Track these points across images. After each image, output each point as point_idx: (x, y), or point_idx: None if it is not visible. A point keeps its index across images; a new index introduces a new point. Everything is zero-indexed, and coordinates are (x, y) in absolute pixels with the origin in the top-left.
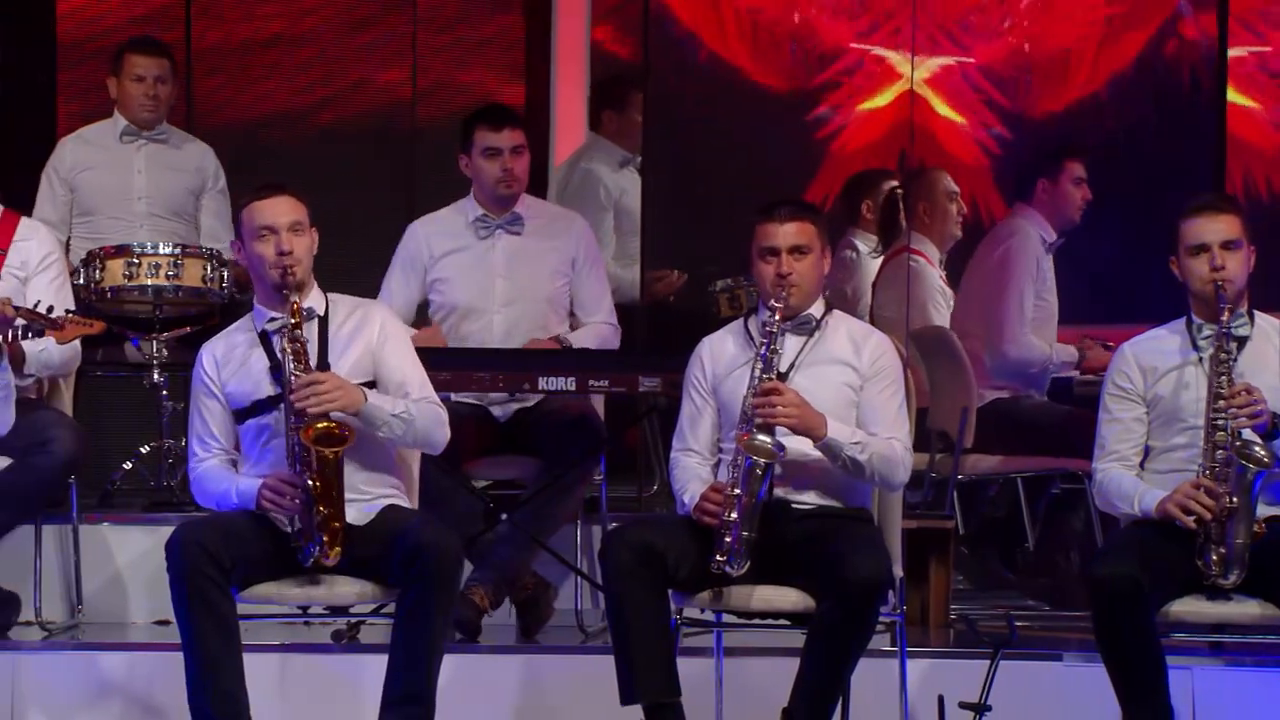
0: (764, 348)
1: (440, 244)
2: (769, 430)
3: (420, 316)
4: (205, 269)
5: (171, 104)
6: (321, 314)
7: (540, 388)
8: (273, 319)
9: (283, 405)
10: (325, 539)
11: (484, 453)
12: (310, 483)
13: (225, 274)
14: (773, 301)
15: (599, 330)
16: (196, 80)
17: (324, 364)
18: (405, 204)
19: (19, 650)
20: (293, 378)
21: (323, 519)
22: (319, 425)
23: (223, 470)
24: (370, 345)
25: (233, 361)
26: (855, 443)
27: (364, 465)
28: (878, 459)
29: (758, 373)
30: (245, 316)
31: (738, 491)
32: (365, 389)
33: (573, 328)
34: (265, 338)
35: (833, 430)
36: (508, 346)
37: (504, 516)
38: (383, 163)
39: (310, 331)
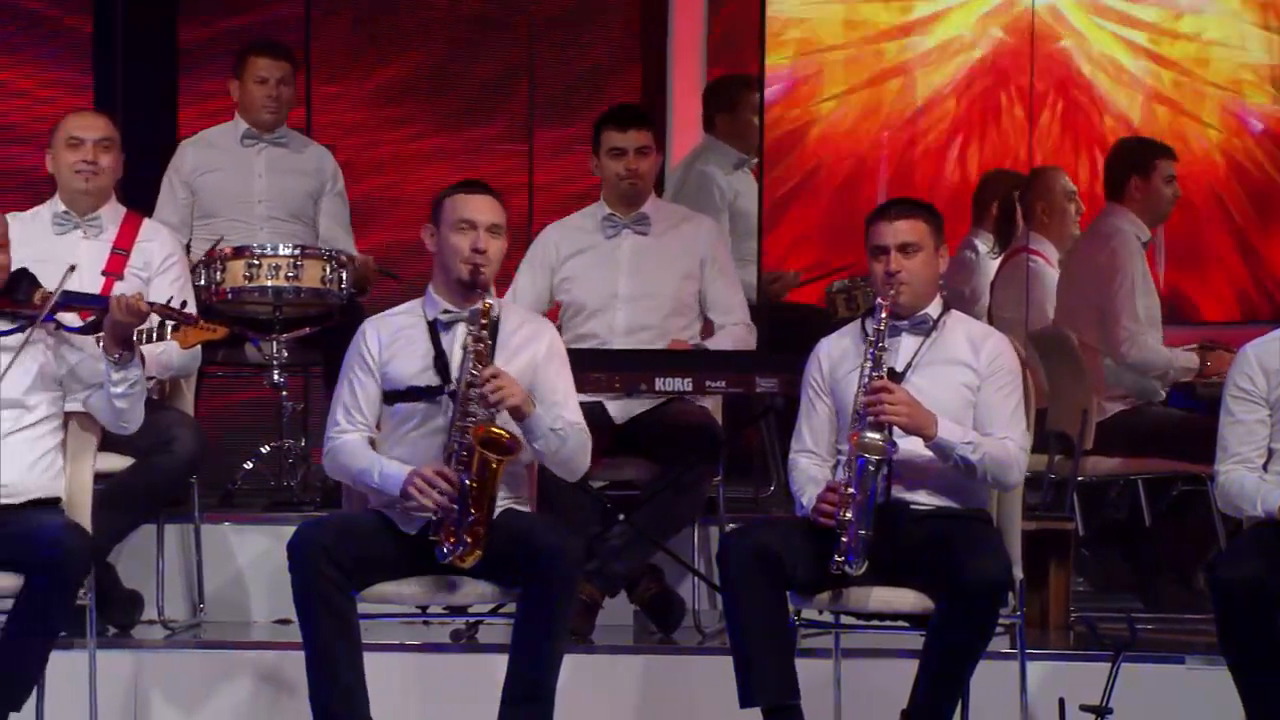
0: (873, 346)
1: (568, 245)
2: (880, 428)
3: None
4: (325, 270)
5: (292, 106)
6: (495, 317)
7: (657, 388)
8: (446, 311)
9: (449, 399)
10: (469, 540)
11: (601, 454)
12: (468, 483)
13: (345, 275)
14: (880, 300)
15: (733, 333)
16: (316, 85)
17: (489, 354)
18: (525, 210)
19: (142, 649)
20: (471, 374)
21: (472, 522)
22: (492, 429)
23: (365, 448)
24: (536, 359)
25: (398, 343)
26: (967, 442)
27: (504, 475)
28: (990, 460)
29: (868, 371)
30: (414, 301)
31: (852, 490)
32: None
33: (705, 332)
34: (434, 327)
35: (943, 430)
36: (630, 346)
37: (621, 517)
38: (496, 162)
39: (488, 340)
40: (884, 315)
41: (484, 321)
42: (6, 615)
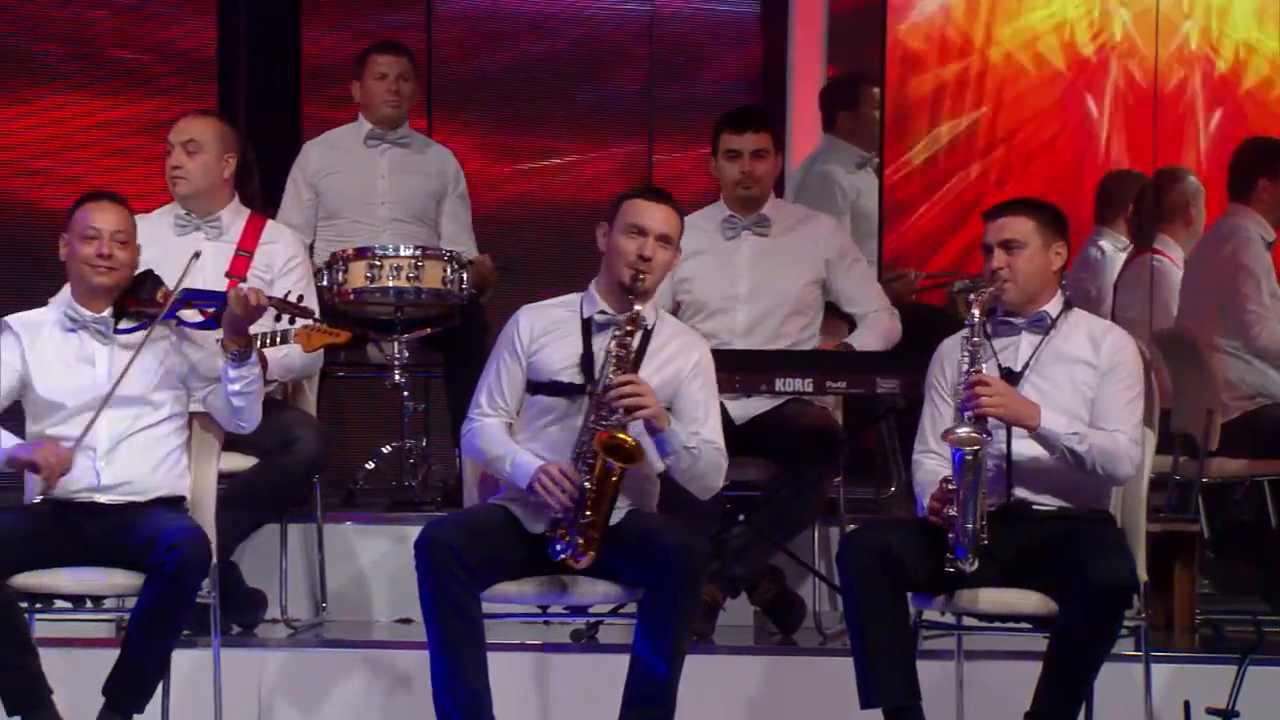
0: (968, 341)
1: (687, 245)
2: (980, 422)
3: None
4: (445, 271)
5: (413, 103)
6: (649, 327)
7: (777, 389)
8: (603, 312)
9: (581, 400)
10: (581, 542)
11: None
12: (587, 485)
13: (465, 276)
14: (972, 295)
15: (876, 321)
16: (436, 91)
17: (630, 361)
18: None
19: (266, 648)
20: (607, 379)
21: (587, 523)
22: (618, 435)
23: (505, 435)
24: (682, 373)
25: (550, 334)
26: (1073, 433)
27: (632, 480)
28: (1098, 451)
29: (965, 366)
30: (574, 295)
31: (954, 486)
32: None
33: (834, 329)
34: (588, 325)
35: (1047, 420)
36: (749, 347)
37: (741, 518)
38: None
39: (633, 339)
40: (976, 312)
41: (629, 328)
42: (131, 614)
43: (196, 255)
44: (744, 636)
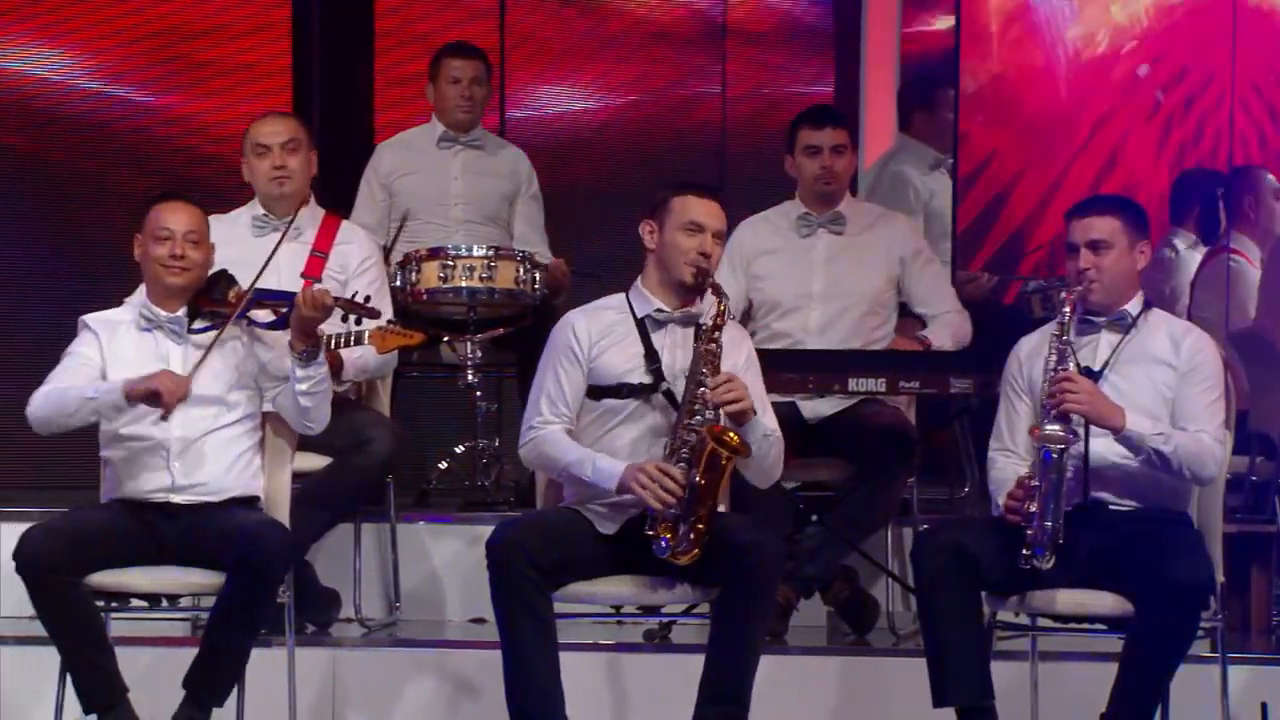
0: (1056, 340)
1: (761, 242)
2: (1065, 420)
3: None
4: (518, 271)
5: (485, 105)
6: (725, 304)
7: (850, 388)
8: (659, 310)
9: (665, 399)
10: (691, 538)
11: (794, 455)
12: (697, 480)
13: (538, 276)
14: (1063, 293)
15: (949, 322)
16: (509, 94)
17: (719, 356)
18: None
19: (340, 647)
20: (700, 374)
21: (695, 519)
22: (728, 431)
23: (569, 440)
24: (737, 367)
25: (608, 338)
26: (1158, 434)
27: None
28: (1184, 452)
29: (1052, 365)
30: (616, 296)
31: (1036, 483)
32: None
33: (903, 329)
34: (644, 325)
35: (1132, 422)
36: (823, 346)
37: (814, 519)
38: (692, 171)
39: (688, 335)
40: (1067, 310)
41: (719, 322)
42: (210, 613)
43: (269, 260)
44: (817, 637)
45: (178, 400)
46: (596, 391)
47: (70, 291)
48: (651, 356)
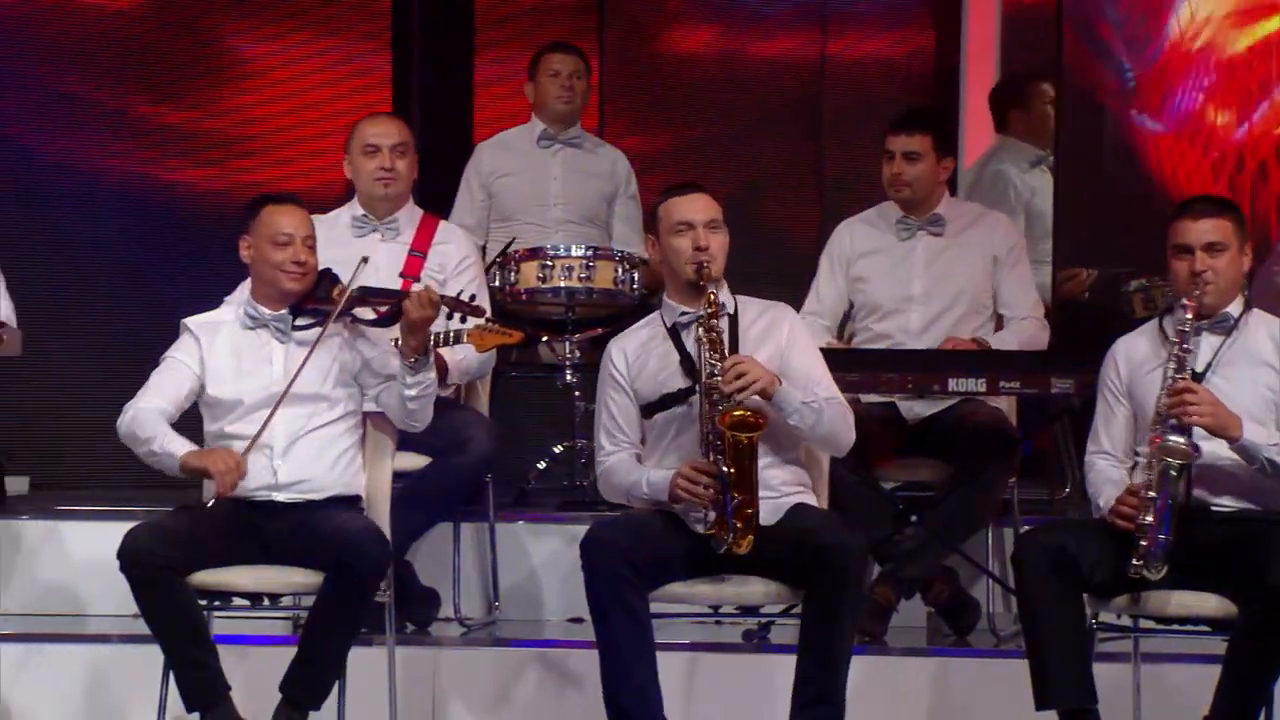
0: (1177, 347)
1: (862, 243)
2: (1183, 431)
3: None
4: (616, 271)
5: (584, 102)
6: (731, 313)
7: (950, 389)
8: (684, 313)
9: (695, 395)
10: (739, 525)
11: (893, 454)
12: (725, 469)
13: (636, 276)
14: (1184, 299)
15: (1022, 328)
16: (609, 95)
17: (723, 343)
18: (817, 202)
19: (440, 646)
20: (710, 364)
21: (737, 505)
22: (735, 413)
23: (632, 463)
24: (780, 346)
25: (643, 357)
26: (1275, 444)
27: (775, 462)
28: None
29: (1171, 373)
30: (653, 313)
31: (1153, 495)
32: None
33: (998, 327)
34: (676, 331)
35: (1248, 431)
36: (923, 347)
37: (913, 519)
38: (792, 168)
39: (721, 328)
40: (1189, 316)
41: (712, 310)
42: (310, 611)
43: (364, 260)
44: (917, 638)
45: (233, 483)
46: (647, 410)
47: (174, 290)
48: (685, 360)
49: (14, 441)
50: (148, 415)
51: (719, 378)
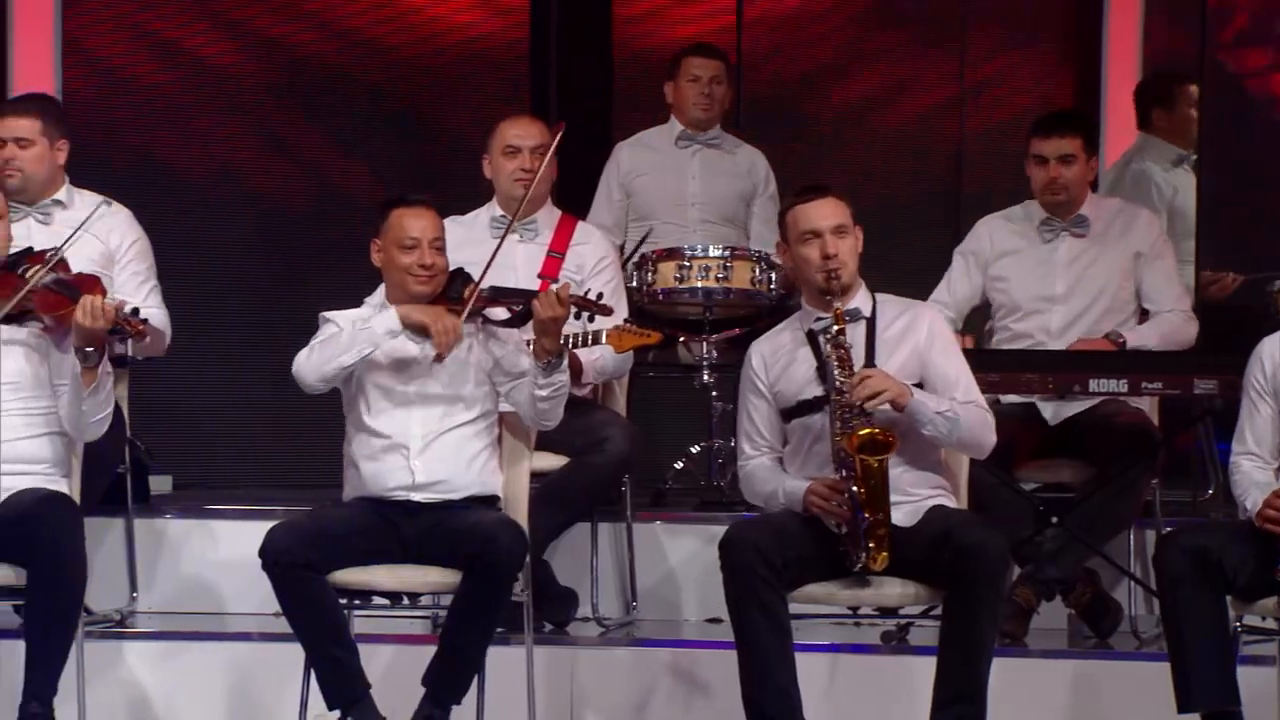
0: None
1: (1003, 242)
2: None
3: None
4: (754, 271)
5: (725, 107)
6: (868, 315)
7: (1090, 389)
8: (818, 319)
9: (827, 408)
10: (872, 545)
11: (1034, 455)
12: (855, 489)
13: (774, 276)
14: None
15: (1165, 321)
16: (745, 88)
17: (871, 364)
18: (953, 206)
19: (577, 646)
20: (839, 382)
21: (869, 525)
22: (862, 432)
23: (771, 469)
24: (918, 347)
25: (780, 361)
26: None
27: (912, 466)
28: None
29: None
30: (793, 315)
31: None
32: (912, 386)
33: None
34: (812, 338)
35: None
36: (1064, 347)
37: (1054, 520)
38: (927, 168)
39: (857, 332)
40: None
41: (839, 329)
42: (450, 607)
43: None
44: (1058, 640)
45: (450, 342)
46: (786, 414)
47: (316, 290)
48: (821, 369)
49: (157, 441)
50: (330, 335)
51: (848, 394)
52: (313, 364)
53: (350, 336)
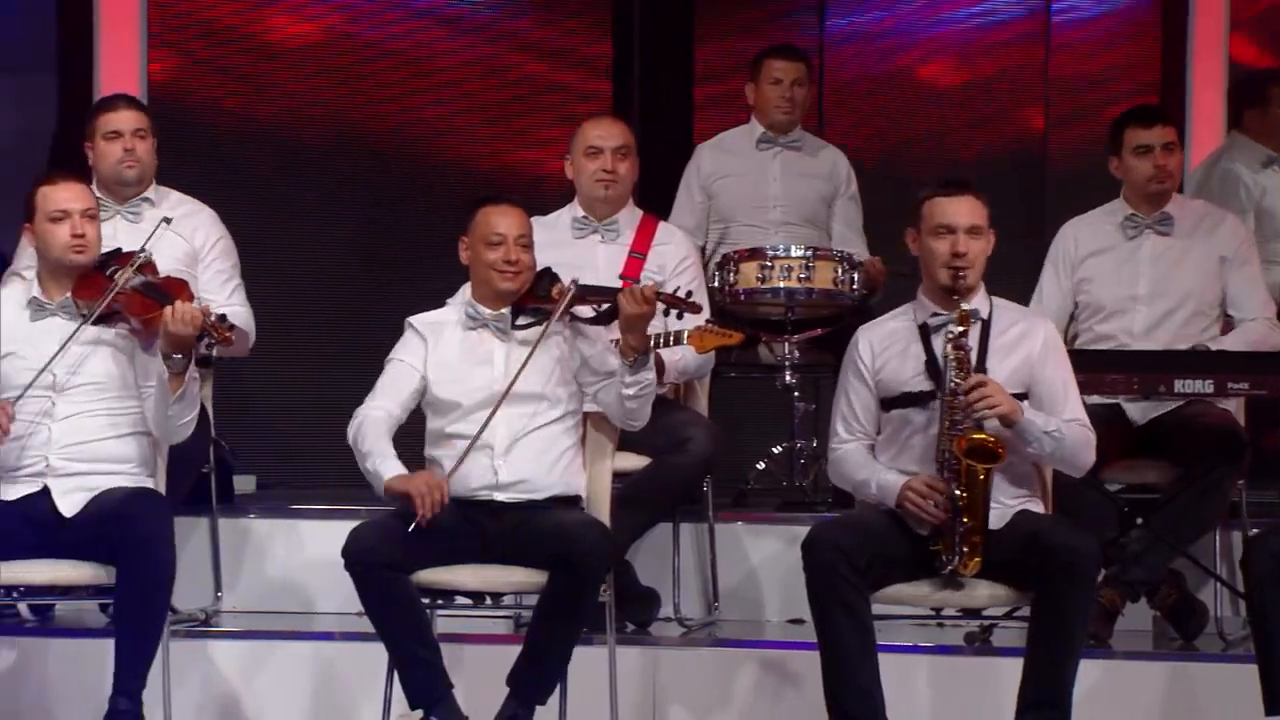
0: None
1: (1088, 243)
2: None
3: None
4: (836, 271)
5: (805, 109)
6: (985, 318)
7: (1176, 390)
8: (935, 314)
9: (934, 405)
10: (965, 550)
11: (1119, 456)
12: (957, 493)
13: (856, 276)
14: None
15: (1250, 330)
16: (827, 97)
17: (981, 368)
18: (1036, 223)
19: (659, 645)
20: (953, 384)
21: (966, 530)
22: (974, 437)
23: (865, 456)
24: (1031, 357)
25: (889, 350)
26: None
27: (1006, 475)
28: None
29: None
30: (906, 305)
31: None
32: (1022, 403)
33: (1226, 328)
34: (924, 331)
35: None
36: (1149, 348)
37: (1139, 521)
38: (1013, 182)
39: (972, 334)
40: None
41: (962, 330)
42: (535, 607)
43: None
44: (1143, 642)
45: (432, 508)
46: (886, 403)
47: (399, 290)
48: (931, 363)
49: (241, 441)
50: (372, 426)
51: (961, 397)
52: (352, 444)
53: (360, 465)
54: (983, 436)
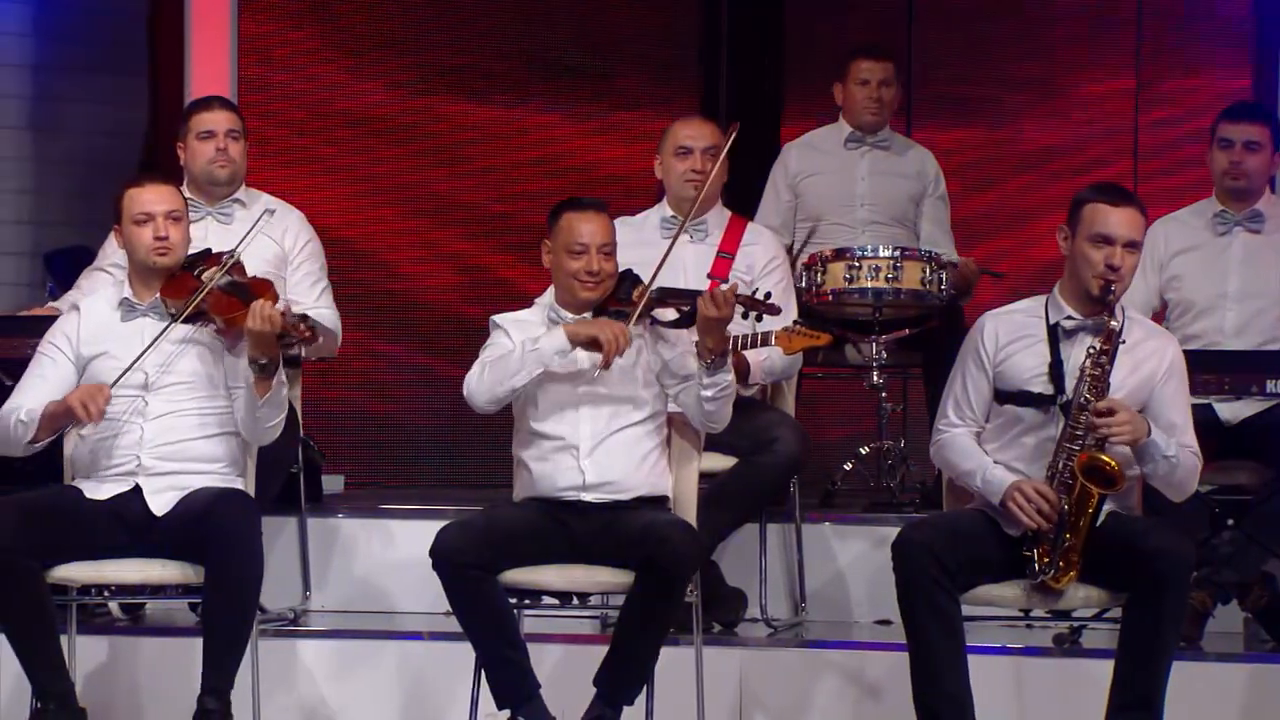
0: None
1: (1177, 240)
2: None
3: None
4: (924, 271)
5: (893, 109)
6: (1125, 339)
7: (1268, 390)
8: (1070, 318)
9: (1060, 412)
10: (1062, 565)
11: (1210, 457)
12: (1065, 507)
13: (944, 276)
14: None
15: None
16: (915, 89)
17: (1106, 381)
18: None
19: (746, 646)
20: (1084, 399)
21: (1067, 547)
22: (1100, 457)
23: (972, 445)
24: (1154, 376)
25: (1017, 342)
26: None
27: None
28: None
29: None
30: (1036, 299)
31: None
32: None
33: None
34: (1055, 332)
35: None
36: (1239, 347)
37: (1230, 522)
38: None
39: (1108, 367)
40: None
41: (1106, 347)
42: (622, 607)
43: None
44: (1234, 644)
45: (617, 351)
46: (1001, 396)
47: (488, 289)
48: (1056, 366)
49: (330, 441)
50: (499, 356)
51: (1090, 416)
52: (485, 386)
53: (520, 358)
54: (1105, 459)
